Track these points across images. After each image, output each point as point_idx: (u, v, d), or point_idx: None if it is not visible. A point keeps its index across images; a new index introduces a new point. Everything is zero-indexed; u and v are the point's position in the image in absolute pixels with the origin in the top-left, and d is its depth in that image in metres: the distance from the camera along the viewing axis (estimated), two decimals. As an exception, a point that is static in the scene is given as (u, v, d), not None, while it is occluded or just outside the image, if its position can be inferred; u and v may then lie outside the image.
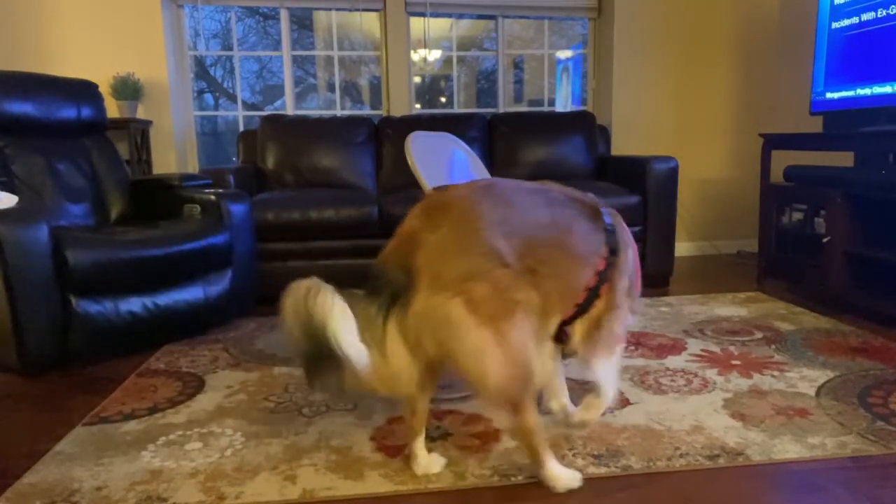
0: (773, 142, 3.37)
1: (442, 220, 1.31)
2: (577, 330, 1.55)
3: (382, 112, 4.26)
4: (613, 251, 1.52)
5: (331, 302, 1.21)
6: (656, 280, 3.39)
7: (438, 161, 2.35)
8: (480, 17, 4.84)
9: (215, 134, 7.11)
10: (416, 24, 4.26)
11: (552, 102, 4.90)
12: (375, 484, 1.45)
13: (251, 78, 8.19)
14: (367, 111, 5.89)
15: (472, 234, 1.30)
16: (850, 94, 3.05)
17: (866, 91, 2.95)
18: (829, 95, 3.20)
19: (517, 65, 6.07)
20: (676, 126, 4.32)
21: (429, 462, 1.51)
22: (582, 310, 1.51)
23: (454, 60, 4.76)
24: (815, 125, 3.53)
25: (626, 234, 1.60)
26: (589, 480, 1.44)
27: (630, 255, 1.59)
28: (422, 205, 1.39)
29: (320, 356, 1.22)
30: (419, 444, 1.50)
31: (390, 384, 1.32)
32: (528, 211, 1.41)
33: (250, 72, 8.11)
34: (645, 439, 1.64)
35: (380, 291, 1.30)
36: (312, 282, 1.24)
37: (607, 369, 1.61)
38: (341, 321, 1.20)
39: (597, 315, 1.54)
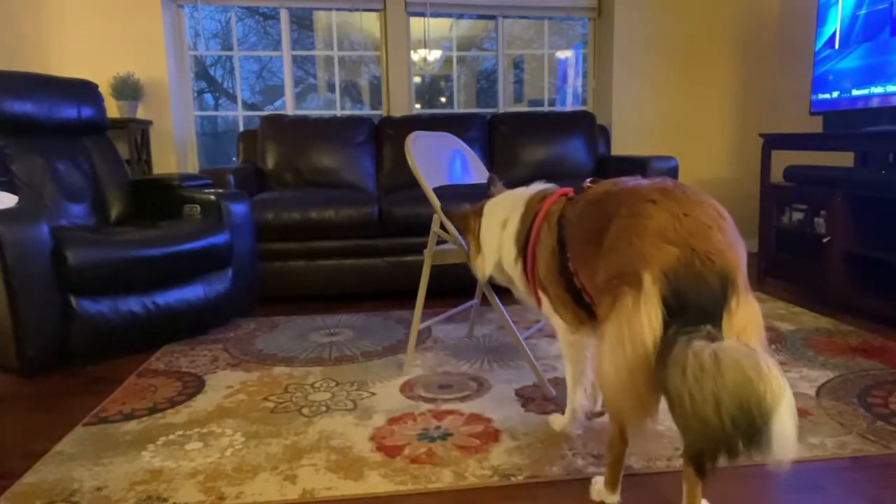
0: (773, 142, 3.37)
1: (719, 218, 1.20)
2: None
3: (382, 112, 4.26)
4: None
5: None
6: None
7: (438, 161, 2.35)
8: (480, 17, 4.84)
9: (215, 134, 7.12)
10: (416, 24, 4.26)
11: (552, 102, 4.90)
12: (375, 484, 1.45)
13: (251, 78, 8.20)
14: (367, 111, 5.89)
15: (738, 234, 1.22)
16: (850, 94, 3.05)
17: (866, 91, 2.95)
18: (829, 95, 3.20)
19: (517, 65, 6.07)
20: (676, 126, 4.32)
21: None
22: None
23: (454, 60, 4.76)
24: (815, 125, 3.53)
25: None
26: (589, 480, 1.43)
27: None
28: (672, 202, 1.20)
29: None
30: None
31: None
32: None
33: (250, 72, 8.12)
34: (645, 439, 1.63)
35: (715, 313, 1.10)
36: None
37: None
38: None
39: None
